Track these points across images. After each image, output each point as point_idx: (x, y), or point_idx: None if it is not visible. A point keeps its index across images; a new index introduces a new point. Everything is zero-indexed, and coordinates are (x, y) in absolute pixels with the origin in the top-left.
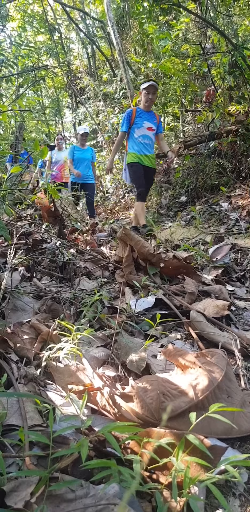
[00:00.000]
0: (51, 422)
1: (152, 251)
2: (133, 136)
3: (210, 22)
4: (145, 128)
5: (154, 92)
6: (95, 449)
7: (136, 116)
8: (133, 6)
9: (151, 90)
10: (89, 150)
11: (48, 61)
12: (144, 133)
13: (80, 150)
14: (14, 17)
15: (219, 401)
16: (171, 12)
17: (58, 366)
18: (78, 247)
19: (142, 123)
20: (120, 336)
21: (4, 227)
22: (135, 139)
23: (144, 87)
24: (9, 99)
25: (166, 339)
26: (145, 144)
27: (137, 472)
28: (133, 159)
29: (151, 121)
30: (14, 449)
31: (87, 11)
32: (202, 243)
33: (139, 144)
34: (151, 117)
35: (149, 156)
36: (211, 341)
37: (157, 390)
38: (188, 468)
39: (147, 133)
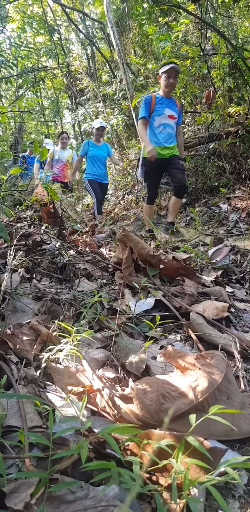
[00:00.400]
0: (51, 423)
1: (152, 253)
2: (152, 125)
3: (209, 24)
4: (166, 115)
5: (175, 76)
6: (95, 450)
7: (156, 102)
8: (132, 8)
9: (172, 74)
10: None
11: (47, 62)
12: (165, 122)
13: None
14: (14, 18)
15: (218, 403)
16: (170, 14)
17: (58, 367)
18: (77, 249)
19: (163, 110)
20: (120, 338)
21: (3, 229)
22: (155, 129)
23: (164, 70)
24: (9, 100)
25: (165, 340)
26: (166, 134)
27: (136, 474)
28: None
29: (172, 109)
30: (14, 450)
31: (87, 12)
32: (202, 244)
33: (159, 134)
34: (172, 104)
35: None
36: (211, 343)
37: (157, 391)
38: (188, 470)
39: (168, 122)
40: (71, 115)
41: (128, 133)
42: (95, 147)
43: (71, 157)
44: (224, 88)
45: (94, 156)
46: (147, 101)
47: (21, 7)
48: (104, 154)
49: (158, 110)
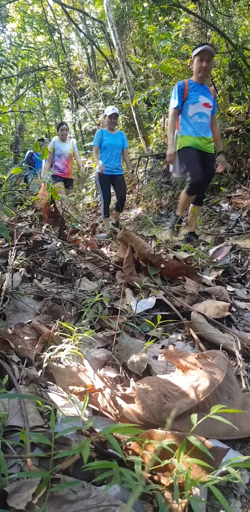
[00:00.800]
0: (52, 423)
1: (153, 252)
2: (185, 114)
3: (210, 23)
4: (201, 104)
5: (209, 58)
6: (97, 450)
7: (190, 89)
8: (132, 7)
9: (206, 57)
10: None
11: (48, 62)
12: (201, 110)
13: (110, 135)
14: (14, 18)
15: (220, 402)
16: (170, 13)
17: (59, 367)
18: (78, 248)
19: (197, 97)
20: (121, 337)
21: (4, 228)
22: (189, 118)
23: (196, 52)
24: (9, 100)
25: (166, 340)
26: (202, 124)
27: (138, 473)
28: (186, 143)
29: (207, 96)
30: (16, 450)
31: (87, 12)
32: (203, 243)
33: (195, 124)
34: (206, 91)
35: (207, 139)
36: (212, 342)
37: (158, 391)
38: (190, 470)
39: (203, 110)
40: (72, 114)
41: (128, 132)
42: (110, 135)
43: (73, 150)
44: (225, 87)
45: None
46: (179, 88)
47: (21, 7)
48: (119, 144)
49: (192, 97)
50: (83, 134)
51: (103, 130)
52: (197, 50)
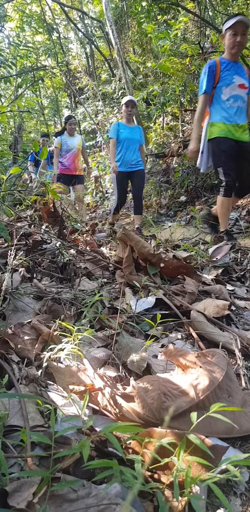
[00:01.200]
0: (53, 422)
1: (152, 251)
2: (219, 98)
3: (208, 21)
4: (236, 85)
5: (244, 32)
6: (97, 449)
7: (222, 69)
8: (131, 6)
9: (240, 29)
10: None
11: (46, 61)
12: (236, 93)
13: (127, 127)
14: (12, 17)
15: (220, 400)
16: (169, 12)
17: (59, 366)
18: (78, 248)
19: (232, 78)
20: (121, 337)
21: (4, 228)
22: (223, 103)
23: (229, 26)
24: (8, 100)
25: (166, 339)
26: (238, 108)
27: (138, 472)
28: (219, 132)
29: (242, 76)
30: (16, 449)
31: (86, 11)
32: (202, 242)
33: (229, 109)
34: (240, 70)
35: (243, 126)
36: (212, 341)
37: (158, 390)
38: (189, 468)
39: (239, 93)
40: (71, 114)
41: None
42: (127, 128)
43: (81, 145)
44: None
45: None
46: (210, 68)
47: (19, 6)
48: (137, 138)
49: (225, 78)
50: (83, 134)
51: (120, 122)
52: (229, 23)
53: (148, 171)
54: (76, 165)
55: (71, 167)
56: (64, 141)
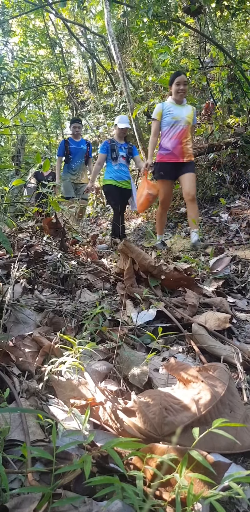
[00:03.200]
0: (54, 437)
1: (153, 264)
2: None
3: (208, 37)
4: None
5: None
6: (98, 465)
7: None
8: (132, 22)
9: None
10: None
11: (49, 75)
12: None
13: None
14: (16, 32)
15: (221, 415)
16: (170, 27)
17: (60, 380)
18: (79, 259)
19: None
20: (122, 350)
21: (6, 240)
22: None
23: None
24: (11, 112)
25: (167, 352)
26: None
27: (140, 488)
28: None
29: None
30: (17, 464)
31: (88, 26)
32: (203, 254)
33: None
34: None
35: None
36: (213, 355)
37: (159, 404)
38: (192, 485)
39: None
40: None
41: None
42: None
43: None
44: (223, 100)
45: None
46: None
47: (23, 21)
48: None
49: None
50: None
51: None
52: None
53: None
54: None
55: (177, 151)
56: (168, 109)
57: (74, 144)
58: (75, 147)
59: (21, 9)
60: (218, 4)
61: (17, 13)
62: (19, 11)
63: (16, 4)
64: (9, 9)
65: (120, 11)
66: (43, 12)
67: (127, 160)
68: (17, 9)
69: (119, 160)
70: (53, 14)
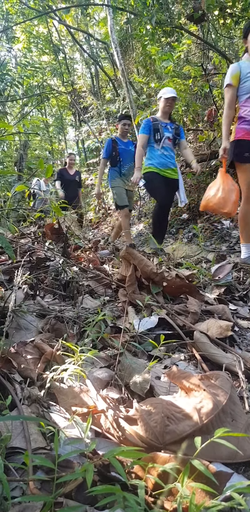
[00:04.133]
0: (56, 446)
1: (155, 270)
2: None
3: (211, 44)
4: None
5: None
6: (100, 473)
7: None
8: (135, 28)
9: None
10: None
11: (52, 81)
12: None
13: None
14: (20, 39)
15: (223, 425)
16: (173, 34)
17: (62, 387)
18: (81, 265)
19: None
20: (123, 357)
21: (9, 246)
22: None
23: None
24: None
25: (169, 360)
26: None
27: (141, 498)
28: None
29: None
30: (18, 472)
31: (91, 33)
32: (205, 261)
33: None
34: None
35: None
36: (215, 363)
37: (161, 413)
38: (194, 495)
39: None
40: (75, 132)
41: None
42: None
43: None
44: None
45: None
46: None
47: (27, 28)
48: None
49: None
50: (86, 151)
51: None
52: None
53: None
54: None
55: None
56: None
57: (122, 145)
58: (124, 148)
59: (25, 15)
60: (221, 12)
61: (21, 19)
62: (23, 17)
63: (20, 10)
64: (13, 15)
65: (123, 18)
66: (47, 19)
67: (173, 142)
68: (21, 15)
69: (165, 143)
70: (57, 21)
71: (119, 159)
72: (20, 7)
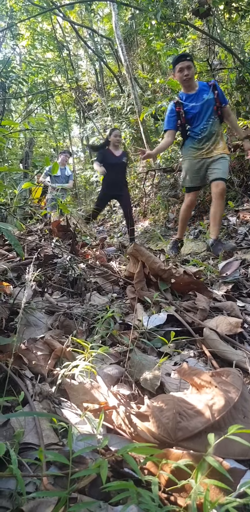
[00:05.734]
0: (70, 441)
1: (163, 267)
2: None
3: (217, 39)
4: None
5: None
6: (113, 469)
7: None
8: (140, 24)
9: None
10: None
11: (56, 78)
12: None
13: None
14: (24, 36)
15: (235, 421)
16: (178, 30)
17: (73, 383)
18: (88, 262)
19: None
20: (133, 354)
21: (18, 244)
22: None
23: None
24: (19, 115)
25: (178, 356)
26: None
27: (155, 494)
28: None
29: None
30: (31, 467)
31: (96, 29)
32: (212, 258)
33: None
34: None
35: None
36: (225, 359)
37: (173, 409)
38: (208, 491)
39: None
40: (80, 129)
41: (136, 146)
42: None
43: None
44: (232, 102)
45: None
46: None
47: (31, 24)
48: None
49: None
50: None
51: None
52: None
53: (156, 185)
54: None
55: None
56: None
57: (190, 100)
58: (194, 104)
59: (29, 12)
60: (227, 6)
61: (25, 16)
62: (27, 14)
63: (24, 7)
64: (17, 12)
65: (128, 13)
66: (51, 15)
67: None
68: (25, 12)
69: None
70: (61, 17)
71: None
72: (24, 3)
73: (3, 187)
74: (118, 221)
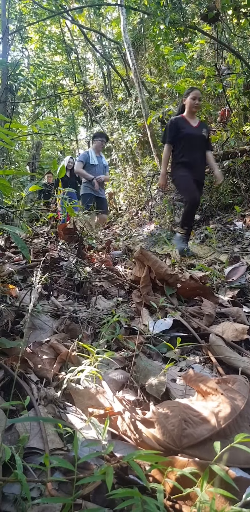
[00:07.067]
0: (76, 447)
1: (169, 272)
2: None
3: (225, 44)
4: None
5: None
6: (118, 476)
7: None
8: (148, 28)
9: None
10: None
11: (64, 81)
12: None
13: None
14: (33, 39)
15: (241, 429)
16: (186, 34)
17: (78, 388)
18: (94, 266)
19: None
20: (139, 359)
21: (25, 246)
22: None
23: None
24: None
25: (184, 362)
26: None
27: (160, 501)
28: None
29: None
30: (36, 472)
31: (104, 33)
32: (218, 263)
33: None
34: None
35: None
36: (230, 366)
37: (179, 416)
38: (213, 500)
39: None
40: (87, 132)
41: (142, 150)
42: None
43: None
44: (239, 107)
45: None
46: None
47: (40, 28)
48: None
49: None
50: None
51: None
52: None
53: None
54: None
55: None
56: None
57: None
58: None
59: (38, 15)
60: (235, 11)
61: (34, 19)
62: (36, 17)
63: (33, 11)
64: (26, 15)
65: (136, 18)
66: (60, 19)
67: None
68: (34, 15)
69: None
70: (70, 21)
71: None
72: (33, 7)
73: (10, 190)
74: (124, 224)
